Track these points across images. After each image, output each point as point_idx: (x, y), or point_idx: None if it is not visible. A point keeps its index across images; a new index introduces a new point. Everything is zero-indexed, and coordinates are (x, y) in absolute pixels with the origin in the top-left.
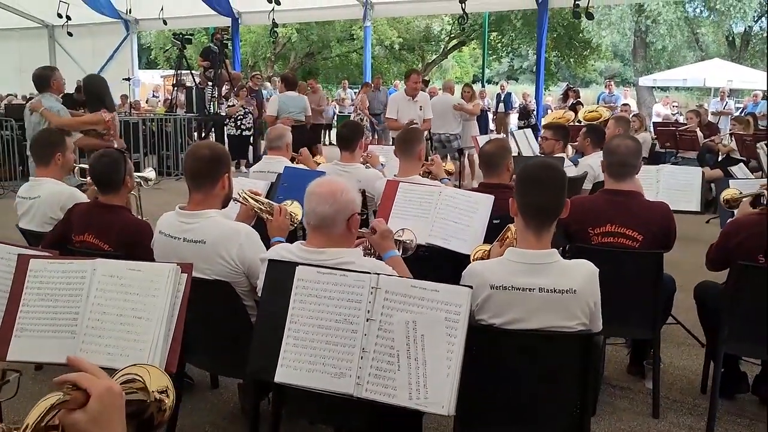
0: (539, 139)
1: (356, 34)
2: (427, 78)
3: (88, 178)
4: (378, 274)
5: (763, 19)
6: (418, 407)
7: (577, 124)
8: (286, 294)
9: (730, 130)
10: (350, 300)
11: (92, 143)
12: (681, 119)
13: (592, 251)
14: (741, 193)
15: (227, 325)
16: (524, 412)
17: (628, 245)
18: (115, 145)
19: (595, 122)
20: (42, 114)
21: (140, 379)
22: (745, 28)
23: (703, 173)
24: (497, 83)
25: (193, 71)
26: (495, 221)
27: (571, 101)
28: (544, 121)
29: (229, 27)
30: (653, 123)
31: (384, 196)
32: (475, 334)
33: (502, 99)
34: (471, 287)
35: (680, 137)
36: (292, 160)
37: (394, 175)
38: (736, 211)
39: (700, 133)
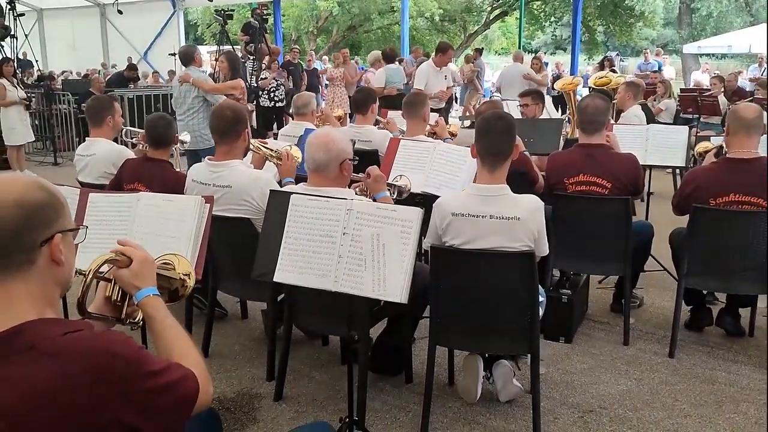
0: (521, 107)
1: (396, 6)
2: (480, 47)
3: (133, 138)
4: (352, 199)
5: None
6: (379, 297)
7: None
8: (283, 216)
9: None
10: (331, 219)
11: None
12: None
13: (567, 198)
14: (712, 146)
15: (249, 256)
16: (484, 320)
17: (598, 192)
18: (250, 108)
19: (605, 87)
20: (193, 83)
21: (172, 263)
22: None
23: (690, 131)
24: (544, 53)
25: (234, 46)
26: None
27: (607, 70)
28: (556, 86)
29: (271, 2)
30: (680, 89)
31: (387, 151)
32: (441, 254)
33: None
34: (422, 209)
35: (702, 103)
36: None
37: (402, 134)
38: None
39: (723, 99)
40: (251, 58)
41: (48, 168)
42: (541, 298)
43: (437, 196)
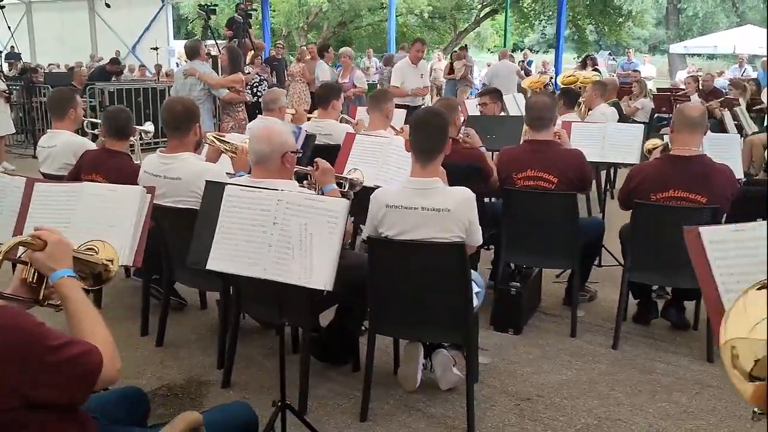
0: (479, 106)
1: (386, 2)
2: (465, 45)
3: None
4: (283, 190)
5: None
6: (305, 284)
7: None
8: (217, 206)
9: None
10: (262, 209)
11: (234, 98)
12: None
13: (516, 193)
14: (661, 143)
15: None
16: (419, 309)
17: (545, 187)
18: (247, 99)
19: (571, 86)
20: (200, 77)
21: (96, 249)
22: None
23: (645, 129)
24: (537, 51)
25: (218, 41)
26: None
27: (589, 69)
28: (524, 84)
29: None
30: (657, 89)
31: (343, 145)
32: (376, 245)
33: (524, 66)
34: (348, 200)
35: (675, 102)
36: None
37: (365, 129)
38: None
39: (696, 99)
40: None
41: (28, 160)
42: (478, 289)
43: None
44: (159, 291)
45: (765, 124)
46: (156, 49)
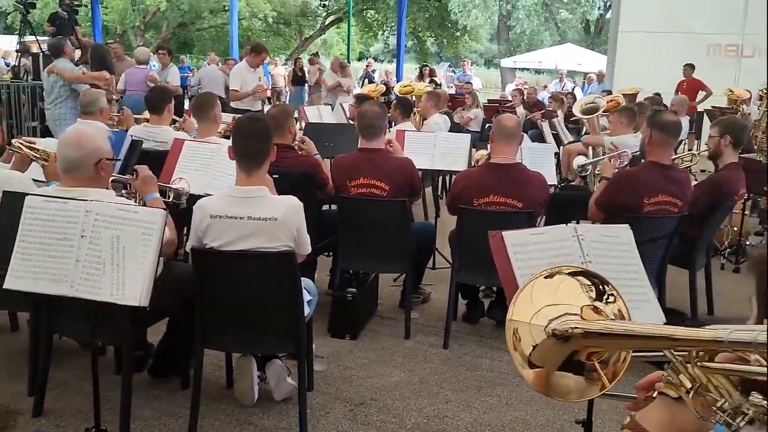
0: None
1: (229, 5)
2: (317, 51)
3: None
4: (92, 200)
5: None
6: (117, 301)
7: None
8: (17, 219)
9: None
10: (69, 221)
11: None
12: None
13: (350, 200)
14: (486, 153)
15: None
16: (249, 321)
17: (377, 194)
18: (114, 98)
19: (408, 96)
20: (57, 72)
21: None
22: (598, 15)
23: (477, 138)
24: (382, 61)
25: (40, 38)
26: (274, 176)
27: (427, 79)
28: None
29: None
30: (488, 100)
31: (170, 152)
32: (201, 256)
33: (367, 75)
34: (165, 210)
35: (503, 112)
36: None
37: (194, 136)
38: None
39: (521, 110)
40: None
41: None
42: (309, 297)
43: None
44: None
45: (580, 134)
46: None
